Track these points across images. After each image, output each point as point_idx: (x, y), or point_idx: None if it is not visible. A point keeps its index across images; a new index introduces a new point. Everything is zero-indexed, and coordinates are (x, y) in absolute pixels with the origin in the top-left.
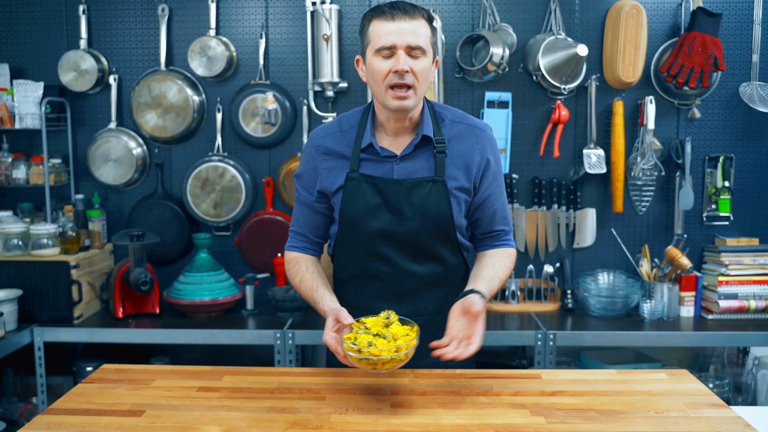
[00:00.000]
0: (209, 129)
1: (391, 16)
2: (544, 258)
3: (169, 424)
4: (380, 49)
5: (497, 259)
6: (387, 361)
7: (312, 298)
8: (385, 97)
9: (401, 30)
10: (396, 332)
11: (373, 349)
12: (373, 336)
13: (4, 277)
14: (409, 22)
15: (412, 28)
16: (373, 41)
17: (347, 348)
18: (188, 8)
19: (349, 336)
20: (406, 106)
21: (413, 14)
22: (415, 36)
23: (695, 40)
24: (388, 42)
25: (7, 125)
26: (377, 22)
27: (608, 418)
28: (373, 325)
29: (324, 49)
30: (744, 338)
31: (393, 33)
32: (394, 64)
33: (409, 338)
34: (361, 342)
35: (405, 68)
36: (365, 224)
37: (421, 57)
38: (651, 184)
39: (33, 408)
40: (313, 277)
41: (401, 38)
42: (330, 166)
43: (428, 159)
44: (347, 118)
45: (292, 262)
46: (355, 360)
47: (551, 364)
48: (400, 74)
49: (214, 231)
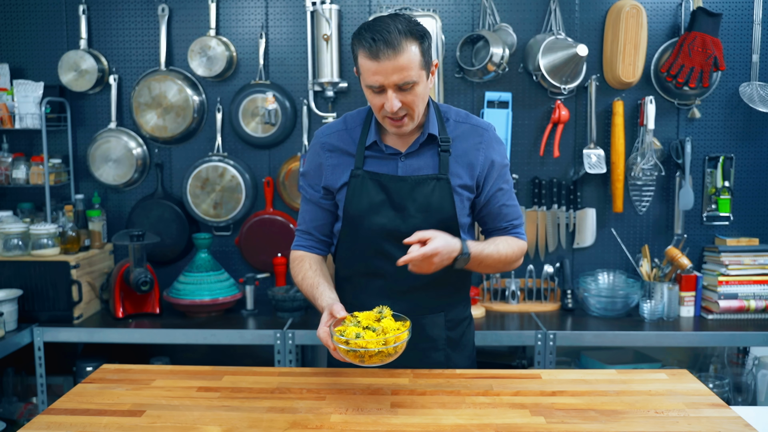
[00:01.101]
0: (209, 129)
1: (376, 54)
2: (544, 258)
3: (169, 424)
4: (370, 86)
5: (502, 239)
6: (374, 354)
7: (312, 294)
8: (383, 123)
9: (386, 70)
10: (387, 326)
11: (361, 340)
12: (363, 329)
13: (4, 277)
14: (394, 60)
15: (398, 66)
16: (363, 75)
17: (336, 340)
18: (188, 8)
19: (340, 329)
20: (403, 131)
21: (397, 47)
22: (402, 74)
23: (695, 40)
24: (375, 83)
25: (7, 125)
26: (363, 57)
27: (608, 418)
28: (365, 318)
29: (324, 49)
30: (744, 338)
31: (379, 73)
32: (385, 104)
33: (399, 332)
34: (350, 334)
35: (395, 108)
36: (368, 221)
37: (412, 88)
38: (651, 184)
39: (33, 408)
40: (314, 275)
41: (387, 78)
42: (335, 163)
43: (433, 157)
44: (352, 117)
45: (296, 260)
46: (343, 352)
47: (551, 364)
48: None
49: (214, 231)
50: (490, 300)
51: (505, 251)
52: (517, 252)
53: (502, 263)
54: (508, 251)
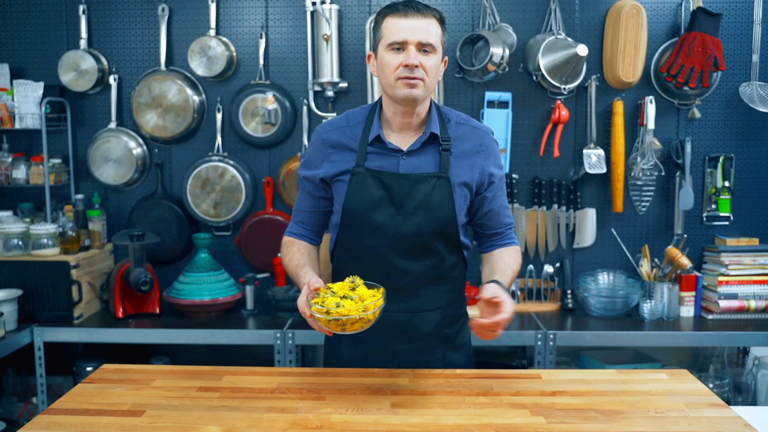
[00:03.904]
0: (209, 129)
1: (405, 14)
2: (544, 258)
3: (169, 424)
4: (392, 44)
5: (505, 254)
6: (355, 321)
7: (296, 273)
8: (394, 87)
9: (413, 27)
10: (362, 294)
11: (342, 309)
12: (341, 298)
13: (4, 277)
14: (422, 20)
15: (423, 26)
16: (386, 36)
17: (315, 311)
18: (188, 8)
19: (317, 300)
20: (414, 95)
21: (426, 13)
22: (426, 33)
23: (695, 40)
24: (400, 37)
25: (7, 125)
26: (391, 19)
27: (608, 418)
28: (339, 289)
29: (324, 49)
30: (744, 338)
31: (405, 29)
32: (405, 59)
33: (376, 298)
34: (329, 304)
35: (415, 62)
36: (368, 218)
37: (431, 53)
38: (651, 184)
39: (33, 408)
40: (302, 257)
41: (413, 34)
42: (337, 158)
43: (434, 156)
44: (354, 114)
45: (287, 244)
46: (324, 322)
47: (551, 364)
48: (410, 68)
49: (214, 231)
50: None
51: (516, 266)
52: (519, 261)
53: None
54: (516, 265)
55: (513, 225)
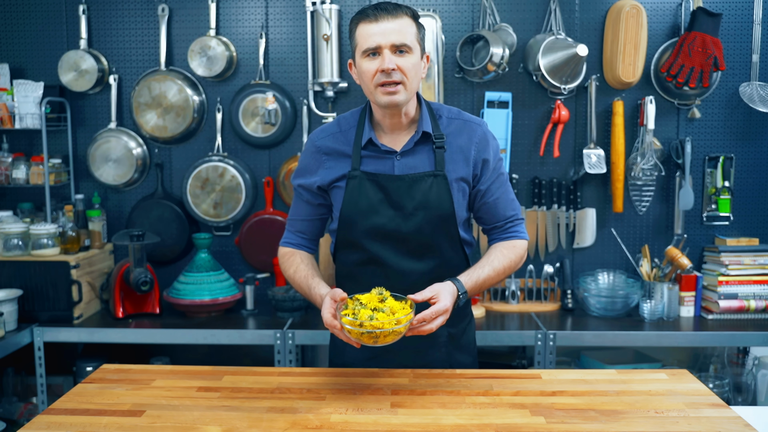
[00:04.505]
0: (209, 129)
1: (375, 18)
2: (544, 258)
3: (169, 424)
4: (366, 51)
5: (497, 251)
6: (388, 334)
7: (307, 285)
8: (375, 95)
9: (385, 30)
10: (393, 306)
11: (376, 322)
12: (372, 311)
13: (4, 277)
14: (393, 22)
15: (396, 27)
16: (360, 43)
17: (347, 323)
18: (188, 8)
19: (347, 312)
20: (396, 101)
21: (396, 13)
22: (400, 34)
23: (695, 40)
24: (373, 43)
25: (7, 125)
26: (363, 25)
27: (608, 418)
28: (368, 300)
29: (324, 49)
30: (744, 338)
31: (377, 34)
32: (380, 64)
33: (406, 312)
34: (363, 317)
35: (391, 66)
36: (367, 221)
37: (407, 54)
38: (651, 184)
39: (33, 408)
40: (307, 268)
41: (386, 38)
42: (332, 165)
43: (428, 154)
44: (345, 119)
45: (286, 255)
46: (356, 335)
47: (551, 364)
48: (387, 73)
49: (214, 231)
50: (490, 300)
51: (501, 264)
52: (514, 259)
53: (502, 276)
54: (504, 263)
55: (515, 217)
